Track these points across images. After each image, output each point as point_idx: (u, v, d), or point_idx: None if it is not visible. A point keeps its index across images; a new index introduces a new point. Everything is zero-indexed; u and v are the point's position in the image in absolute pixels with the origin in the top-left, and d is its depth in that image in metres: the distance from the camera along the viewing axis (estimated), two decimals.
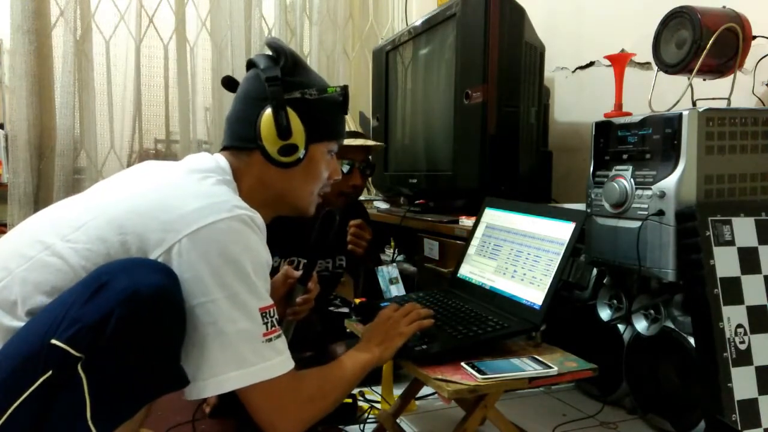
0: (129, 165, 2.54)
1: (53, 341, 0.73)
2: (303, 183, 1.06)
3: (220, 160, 1.00)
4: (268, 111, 0.98)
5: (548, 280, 1.15)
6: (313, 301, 1.29)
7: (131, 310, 0.75)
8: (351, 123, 1.79)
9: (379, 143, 1.85)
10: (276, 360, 0.88)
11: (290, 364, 0.90)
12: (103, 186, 0.96)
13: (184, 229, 0.83)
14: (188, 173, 0.94)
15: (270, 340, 0.87)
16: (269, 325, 0.87)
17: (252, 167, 1.01)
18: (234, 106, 1.06)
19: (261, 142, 0.99)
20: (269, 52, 1.05)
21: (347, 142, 1.68)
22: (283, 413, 0.90)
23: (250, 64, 1.07)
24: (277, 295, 1.21)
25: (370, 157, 1.78)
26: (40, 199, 2.36)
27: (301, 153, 1.01)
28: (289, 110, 0.98)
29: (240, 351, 0.84)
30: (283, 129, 0.97)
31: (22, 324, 0.79)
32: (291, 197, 1.06)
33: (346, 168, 1.68)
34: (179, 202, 0.86)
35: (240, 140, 1.02)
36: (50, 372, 0.73)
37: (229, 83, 1.10)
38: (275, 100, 0.98)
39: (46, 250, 0.84)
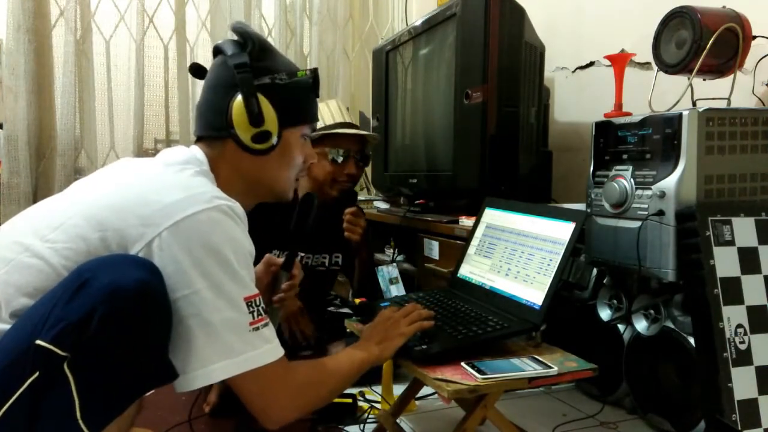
0: None
1: (38, 342, 0.72)
2: (279, 169, 1.05)
3: (196, 152, 0.99)
4: (239, 98, 0.97)
5: (548, 280, 1.14)
6: (297, 286, 1.29)
7: (114, 307, 0.74)
8: (346, 115, 1.79)
9: (373, 134, 1.86)
10: (264, 348, 0.87)
11: (279, 352, 0.90)
12: (80, 184, 0.95)
13: (164, 222, 0.82)
14: (165, 166, 0.94)
15: (257, 328, 0.87)
16: (255, 313, 0.87)
17: (227, 156, 1.00)
18: (203, 94, 1.04)
19: (233, 131, 0.98)
20: (235, 37, 1.03)
21: (342, 131, 1.69)
22: (275, 400, 0.90)
23: (217, 51, 1.05)
24: (261, 284, 1.21)
25: (365, 149, 1.79)
26: (39, 200, 2.35)
27: (274, 139, 1.00)
28: (260, 96, 0.97)
29: (227, 340, 0.84)
30: (254, 116, 0.96)
31: (7, 326, 0.78)
32: (268, 183, 1.05)
33: (340, 158, 1.68)
34: (157, 195, 0.85)
35: (212, 129, 1.01)
36: (37, 373, 0.72)
37: (198, 70, 1.08)
38: (245, 87, 0.96)
39: (26, 251, 0.83)
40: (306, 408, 0.95)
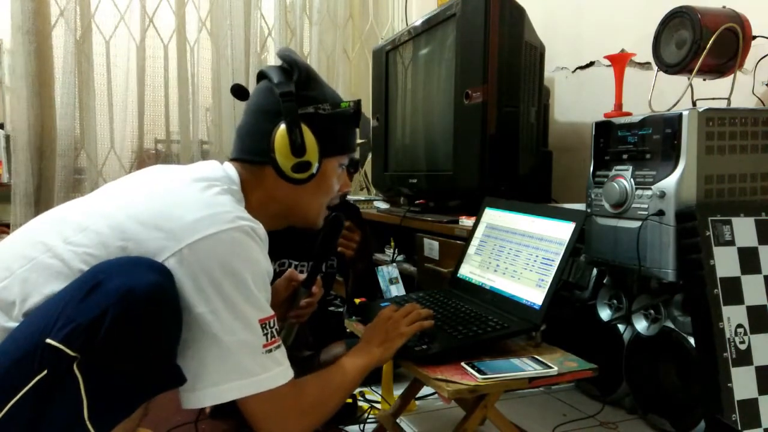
0: (129, 165, 2.54)
1: (48, 340, 0.73)
2: (314, 197, 1.05)
3: (229, 170, 0.99)
4: (282, 127, 0.97)
5: (548, 280, 1.14)
6: (316, 304, 1.29)
7: (126, 309, 0.74)
8: None
9: (362, 140, 1.85)
10: (276, 370, 0.88)
11: (290, 374, 0.90)
12: (108, 189, 0.96)
13: (186, 239, 0.83)
14: (193, 181, 0.94)
15: (270, 350, 0.87)
16: (269, 335, 0.87)
17: (263, 181, 1.01)
18: (246, 118, 1.04)
19: (274, 158, 0.98)
20: (281, 63, 1.03)
21: None
22: (284, 423, 0.90)
23: (262, 76, 1.05)
24: (280, 297, 1.21)
25: (355, 155, 1.78)
26: (40, 199, 2.36)
27: (314, 169, 1.00)
28: (303, 126, 0.97)
29: (240, 361, 0.84)
30: (297, 146, 0.96)
31: (17, 325, 0.79)
32: (301, 211, 1.06)
33: None
34: (181, 210, 0.86)
35: (252, 154, 1.01)
36: (45, 371, 0.73)
37: (239, 92, 1.08)
38: (290, 116, 0.96)
39: (48, 251, 0.84)
40: (315, 427, 0.95)
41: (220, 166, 1.00)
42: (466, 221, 1.71)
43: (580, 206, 1.50)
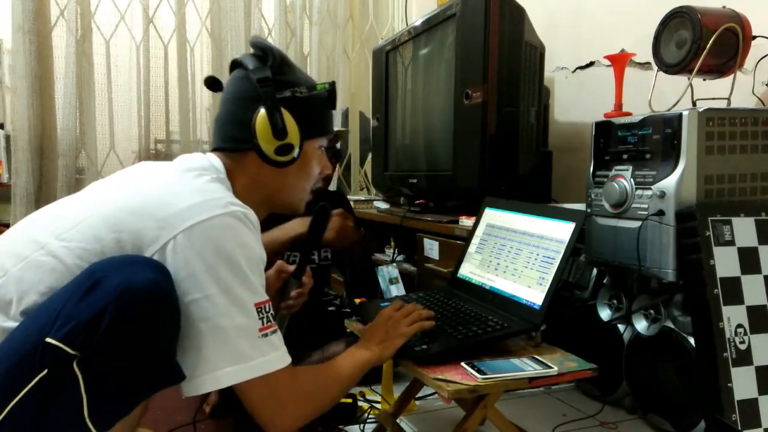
0: (129, 165, 2.54)
1: (48, 339, 0.73)
2: (297, 180, 1.06)
3: (213, 160, 1.00)
4: (263, 112, 0.98)
5: (548, 280, 1.14)
6: (306, 294, 1.29)
7: (124, 307, 0.75)
8: None
9: (342, 129, 1.85)
10: (273, 355, 0.88)
11: (287, 359, 0.90)
12: (98, 186, 0.97)
13: (179, 226, 0.83)
14: (182, 172, 0.95)
15: (266, 335, 0.87)
16: (265, 320, 0.87)
17: (246, 167, 1.02)
18: (223, 107, 1.05)
19: (257, 143, 0.99)
20: (254, 51, 1.04)
21: None
22: (281, 408, 0.90)
23: (236, 64, 1.06)
24: (271, 289, 1.21)
25: (338, 144, 1.78)
26: (41, 199, 2.36)
27: (296, 152, 1.01)
28: (282, 110, 0.99)
29: (236, 346, 0.84)
30: (278, 129, 0.98)
31: (15, 324, 0.79)
32: (285, 195, 1.07)
33: None
34: (174, 199, 0.86)
35: (233, 142, 1.02)
36: (46, 371, 0.73)
37: (213, 83, 1.09)
38: (269, 100, 0.98)
39: (41, 249, 0.84)
40: (312, 415, 0.95)
41: (205, 156, 1.00)
42: (466, 221, 1.71)
43: (580, 206, 1.50)
